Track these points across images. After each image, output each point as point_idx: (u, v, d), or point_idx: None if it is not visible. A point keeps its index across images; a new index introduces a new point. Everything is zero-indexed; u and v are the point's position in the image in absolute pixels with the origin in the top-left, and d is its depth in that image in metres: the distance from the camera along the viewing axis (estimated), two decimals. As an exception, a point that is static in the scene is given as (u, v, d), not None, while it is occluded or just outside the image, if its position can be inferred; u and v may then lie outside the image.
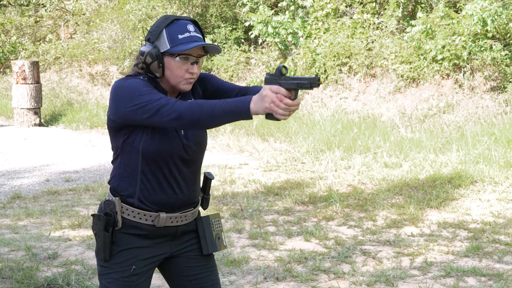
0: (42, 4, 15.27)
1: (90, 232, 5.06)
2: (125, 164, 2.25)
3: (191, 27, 2.20)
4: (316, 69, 11.03)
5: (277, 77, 2.04)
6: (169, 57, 2.17)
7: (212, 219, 2.41)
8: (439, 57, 9.75)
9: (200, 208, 2.44)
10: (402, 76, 10.40)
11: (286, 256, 4.50)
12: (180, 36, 2.17)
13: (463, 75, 9.99)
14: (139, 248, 2.27)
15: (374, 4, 11.35)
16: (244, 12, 12.05)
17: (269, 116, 2.03)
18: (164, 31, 2.17)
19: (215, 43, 12.28)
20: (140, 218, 2.25)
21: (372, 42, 10.98)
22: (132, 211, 2.25)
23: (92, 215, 2.28)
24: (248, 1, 11.89)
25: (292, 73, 11.15)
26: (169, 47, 2.17)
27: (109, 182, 2.34)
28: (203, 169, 7.65)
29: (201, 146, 2.33)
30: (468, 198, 6.03)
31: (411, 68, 10.27)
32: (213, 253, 2.41)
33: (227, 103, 2.02)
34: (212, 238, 2.37)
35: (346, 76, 11.01)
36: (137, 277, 2.26)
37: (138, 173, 2.23)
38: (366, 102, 10.45)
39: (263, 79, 11.35)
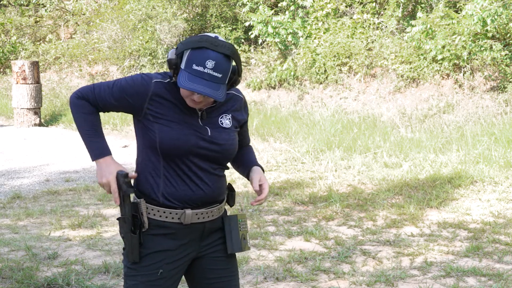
0: (42, 4, 15.27)
1: (90, 232, 5.06)
2: (147, 160, 2.28)
3: (210, 64, 2.13)
4: (316, 69, 11.04)
5: (124, 182, 2.26)
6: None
7: (239, 219, 2.40)
8: (439, 57, 9.75)
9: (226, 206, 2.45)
10: (402, 76, 10.40)
11: (286, 256, 4.50)
12: (194, 66, 2.13)
13: (463, 75, 9.99)
14: (166, 252, 2.26)
15: (374, 4, 11.35)
16: (244, 12, 12.05)
17: None
18: (188, 51, 2.15)
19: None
20: (166, 217, 2.25)
21: (372, 42, 10.98)
22: (158, 211, 2.25)
23: (118, 218, 2.29)
24: (248, 1, 11.89)
25: (292, 72, 11.16)
26: (182, 68, 2.16)
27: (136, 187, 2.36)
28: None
29: (227, 150, 2.32)
30: (468, 198, 6.03)
31: (411, 68, 10.27)
32: (235, 259, 2.41)
33: (88, 136, 2.33)
34: (238, 237, 2.36)
35: (346, 76, 11.01)
36: (163, 281, 2.26)
37: (161, 169, 2.25)
38: (366, 102, 10.45)
39: (261, 79, 11.33)
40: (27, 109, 10.95)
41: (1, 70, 14.65)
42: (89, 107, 2.27)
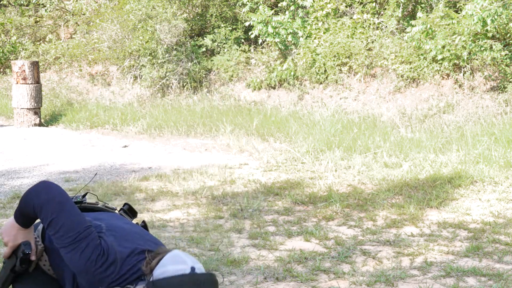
0: (42, 4, 15.26)
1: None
2: (62, 261, 2.16)
3: None
4: (316, 69, 11.04)
5: (20, 258, 2.17)
6: None
7: None
8: (439, 57, 9.75)
9: None
10: (402, 76, 10.40)
11: (286, 256, 4.50)
12: None
13: (463, 75, 9.99)
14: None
15: (374, 4, 11.35)
16: (244, 12, 12.05)
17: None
18: None
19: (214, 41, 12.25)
20: (53, 274, 2.20)
21: (372, 42, 10.98)
22: (49, 265, 2.20)
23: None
24: (248, 1, 11.89)
25: (292, 72, 11.16)
26: None
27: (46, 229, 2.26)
28: (203, 168, 7.58)
29: None
30: (468, 198, 6.02)
31: (411, 68, 10.27)
32: None
33: (20, 209, 2.19)
34: None
35: (346, 76, 11.01)
36: None
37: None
38: (366, 102, 10.45)
39: (261, 79, 11.34)
40: (27, 109, 10.95)
41: (1, 70, 14.65)
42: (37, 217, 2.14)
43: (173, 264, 1.97)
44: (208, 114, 10.36)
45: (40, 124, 11.10)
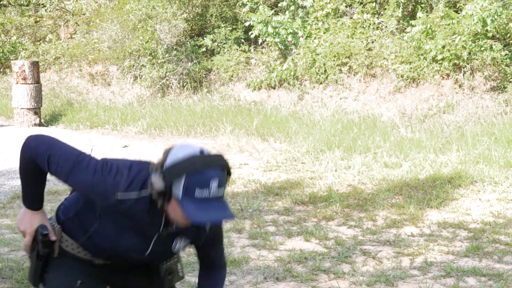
0: (42, 4, 15.25)
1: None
2: (80, 218, 2.19)
3: (214, 183, 1.96)
4: (316, 69, 11.03)
5: (41, 241, 2.17)
6: (176, 201, 1.99)
7: None
8: (439, 57, 9.75)
9: None
10: (402, 76, 10.40)
11: (286, 256, 4.50)
12: (197, 192, 1.94)
13: (463, 75, 9.99)
14: (81, 265, 2.22)
15: (374, 4, 11.35)
16: (244, 12, 12.05)
17: None
18: (183, 178, 1.94)
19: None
20: (79, 252, 2.21)
21: (372, 42, 10.98)
22: (72, 244, 2.21)
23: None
24: (248, 1, 11.89)
25: (292, 72, 11.16)
26: (180, 198, 1.96)
27: (58, 210, 2.29)
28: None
29: (159, 260, 2.27)
30: (468, 198, 6.03)
31: (411, 68, 10.27)
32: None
33: (28, 187, 2.17)
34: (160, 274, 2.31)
35: (346, 76, 11.01)
36: None
37: (90, 235, 2.18)
38: (366, 102, 10.45)
39: (261, 80, 11.34)
40: (27, 109, 10.95)
41: (1, 70, 14.65)
42: (39, 170, 2.15)
43: (182, 150, 2.01)
44: (208, 114, 10.36)
45: (40, 124, 11.09)
